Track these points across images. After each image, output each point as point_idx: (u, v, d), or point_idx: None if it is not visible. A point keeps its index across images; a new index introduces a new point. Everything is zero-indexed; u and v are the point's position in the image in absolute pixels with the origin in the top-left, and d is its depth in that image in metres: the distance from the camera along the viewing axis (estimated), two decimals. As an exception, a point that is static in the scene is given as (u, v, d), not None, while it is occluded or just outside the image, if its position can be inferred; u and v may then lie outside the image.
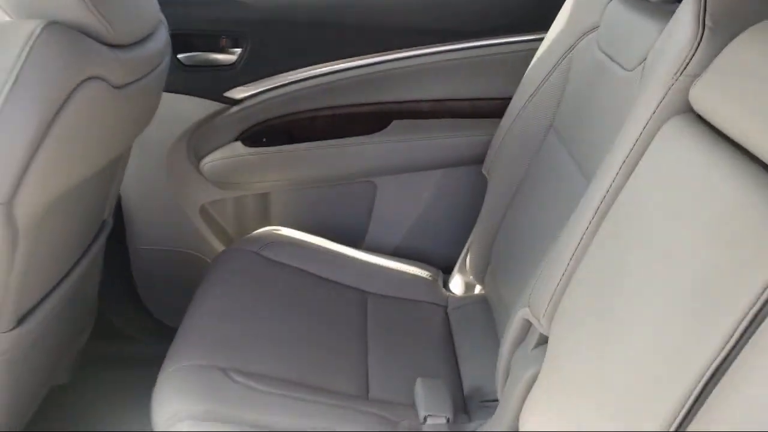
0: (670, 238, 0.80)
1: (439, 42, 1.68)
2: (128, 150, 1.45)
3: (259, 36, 1.67)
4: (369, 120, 1.74)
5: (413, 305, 1.59)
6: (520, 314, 1.10)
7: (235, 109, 1.71)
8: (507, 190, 1.52)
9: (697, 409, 0.67)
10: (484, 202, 1.59)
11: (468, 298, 1.63)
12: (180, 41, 1.60)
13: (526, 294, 1.11)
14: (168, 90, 1.46)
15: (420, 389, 1.24)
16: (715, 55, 0.88)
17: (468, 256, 1.65)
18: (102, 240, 1.49)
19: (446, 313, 1.59)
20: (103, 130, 1.13)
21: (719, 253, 0.71)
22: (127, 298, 1.86)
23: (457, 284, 1.70)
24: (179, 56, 1.64)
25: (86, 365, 1.72)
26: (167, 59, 1.35)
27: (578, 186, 1.17)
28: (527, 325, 1.10)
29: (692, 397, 0.68)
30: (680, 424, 0.68)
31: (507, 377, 1.11)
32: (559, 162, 1.35)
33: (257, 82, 1.70)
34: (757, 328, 0.64)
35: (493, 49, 1.67)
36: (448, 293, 1.66)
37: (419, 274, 1.68)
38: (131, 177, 1.62)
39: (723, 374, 0.65)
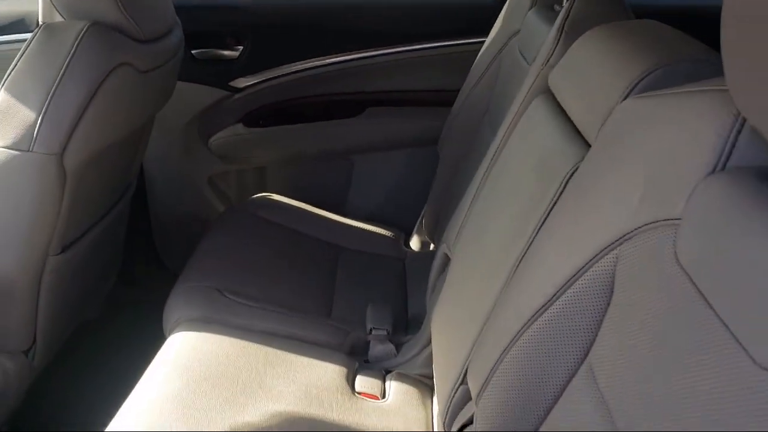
0: (518, 178, 1.15)
1: (405, 43, 2.04)
2: (150, 123, 1.82)
3: (257, 36, 2.04)
4: (348, 106, 2.11)
5: (377, 258, 1.95)
6: (442, 248, 1.45)
7: (237, 96, 2.08)
8: (453, 163, 1.86)
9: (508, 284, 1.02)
10: (436, 174, 1.94)
11: (422, 253, 1.98)
12: (193, 39, 1.97)
13: (451, 234, 1.46)
14: (182, 79, 1.84)
15: (370, 310, 1.60)
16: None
17: (423, 219, 2.00)
18: (128, 196, 1.86)
19: (404, 265, 1.94)
20: (130, 103, 1.51)
21: (537, 185, 1.06)
22: (146, 252, 2.23)
23: (415, 242, 2.05)
24: (192, 51, 2.01)
25: (111, 306, 2.08)
26: (181, 52, 1.73)
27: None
28: (446, 258, 1.45)
29: (508, 277, 1.02)
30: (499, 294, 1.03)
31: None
32: (489, 139, 1.70)
33: (256, 74, 2.07)
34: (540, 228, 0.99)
35: (447, 50, 2.03)
36: (407, 249, 2.02)
37: (385, 233, 2.04)
38: (152, 151, 1.99)
39: (520, 262, 1.00)
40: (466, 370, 1.06)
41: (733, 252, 0.61)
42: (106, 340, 2.05)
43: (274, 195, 2.09)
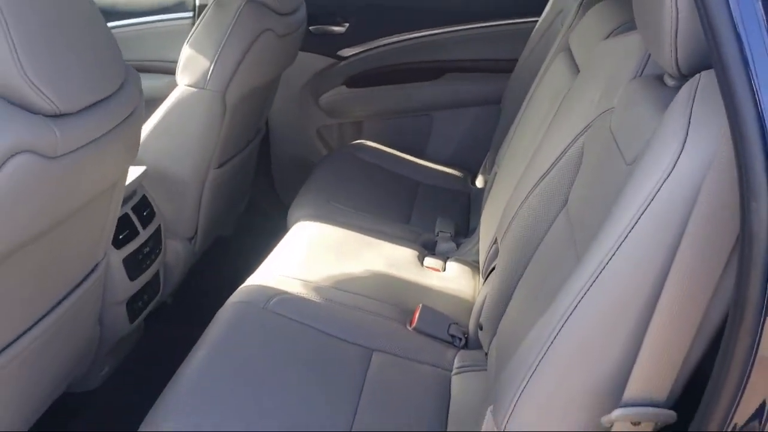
0: (538, 108, 1.64)
1: (476, 20, 2.57)
2: (278, 80, 2.38)
3: (360, 16, 2.60)
4: (429, 72, 2.66)
5: (448, 191, 2.46)
6: (494, 169, 1.96)
7: (343, 63, 2.65)
8: (511, 117, 2.35)
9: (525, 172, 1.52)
10: (498, 126, 2.44)
11: (484, 189, 2.48)
12: (311, 18, 2.53)
13: (499, 156, 1.95)
14: (301, 50, 2.40)
15: (439, 220, 2.12)
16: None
17: (486, 162, 2.50)
18: (259, 138, 2.45)
19: (469, 197, 2.44)
20: (270, 59, 2.06)
21: (547, 108, 1.56)
22: (266, 187, 2.83)
23: (479, 181, 2.55)
24: (310, 27, 2.59)
25: (240, 227, 2.68)
26: (305, 25, 2.23)
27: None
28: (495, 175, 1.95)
29: (525, 169, 1.52)
30: (521, 178, 1.53)
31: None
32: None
33: (358, 45, 2.64)
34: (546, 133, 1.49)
35: (509, 26, 2.55)
36: (473, 186, 2.52)
37: (455, 173, 2.56)
38: (277, 104, 2.58)
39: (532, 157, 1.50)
40: (496, 235, 1.57)
41: (636, 115, 1.09)
42: (237, 247, 2.64)
43: (368, 142, 2.65)
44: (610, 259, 0.87)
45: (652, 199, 0.84)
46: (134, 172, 1.81)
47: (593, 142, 1.26)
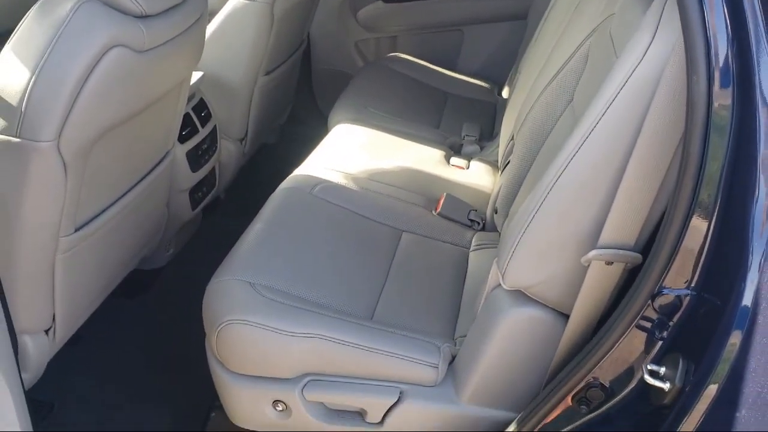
0: (556, 22, 1.82)
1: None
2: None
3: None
4: (461, -11, 2.81)
5: (475, 102, 2.65)
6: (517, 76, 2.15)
7: (381, -19, 2.83)
8: (535, 29, 2.52)
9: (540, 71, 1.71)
10: (523, 39, 2.61)
11: (509, 99, 2.68)
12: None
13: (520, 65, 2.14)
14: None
15: (465, 125, 2.33)
16: None
17: (511, 73, 2.68)
18: (301, 50, 2.66)
19: (495, 108, 2.64)
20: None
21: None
22: (306, 98, 3.05)
23: (505, 92, 2.74)
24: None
25: (282, 136, 2.91)
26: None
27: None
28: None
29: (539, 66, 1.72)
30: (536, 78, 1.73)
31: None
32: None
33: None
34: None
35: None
36: (499, 97, 2.71)
37: (483, 84, 2.75)
38: (317, 19, 2.76)
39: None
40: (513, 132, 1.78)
41: (628, 17, 1.27)
42: (281, 153, 2.86)
43: (402, 54, 2.84)
44: (593, 129, 1.08)
45: (628, 79, 1.05)
46: (193, 77, 2.04)
47: (597, 44, 1.45)
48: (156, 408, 1.74)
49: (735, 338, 0.95)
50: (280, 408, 1.39)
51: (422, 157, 2.09)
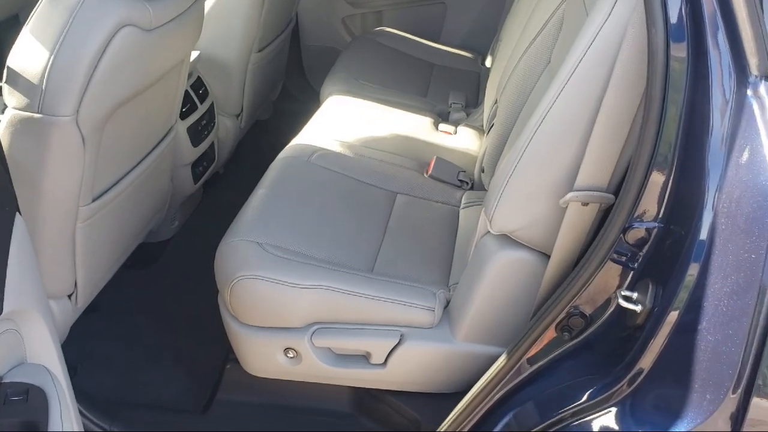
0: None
1: None
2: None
3: None
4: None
5: (460, 71, 2.76)
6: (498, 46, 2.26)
7: (363, -43, 2.91)
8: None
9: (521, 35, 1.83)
10: (503, 10, 2.71)
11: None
12: None
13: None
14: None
15: (451, 93, 2.43)
16: None
17: (493, 43, 2.79)
18: (290, 28, 2.75)
19: (479, 77, 2.75)
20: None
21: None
22: (297, 73, 3.14)
23: (488, 61, 2.85)
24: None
25: (275, 111, 3.01)
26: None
27: None
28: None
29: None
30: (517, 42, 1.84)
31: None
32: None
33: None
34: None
35: None
36: (482, 66, 2.82)
37: (467, 55, 2.86)
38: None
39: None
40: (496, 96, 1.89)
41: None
42: (275, 128, 2.97)
43: (388, 28, 2.93)
44: (566, 83, 1.20)
45: (596, 36, 1.16)
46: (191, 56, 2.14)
47: (570, 8, 1.56)
48: (174, 366, 1.86)
49: (693, 270, 1.07)
50: (291, 355, 1.51)
51: (412, 125, 2.20)
